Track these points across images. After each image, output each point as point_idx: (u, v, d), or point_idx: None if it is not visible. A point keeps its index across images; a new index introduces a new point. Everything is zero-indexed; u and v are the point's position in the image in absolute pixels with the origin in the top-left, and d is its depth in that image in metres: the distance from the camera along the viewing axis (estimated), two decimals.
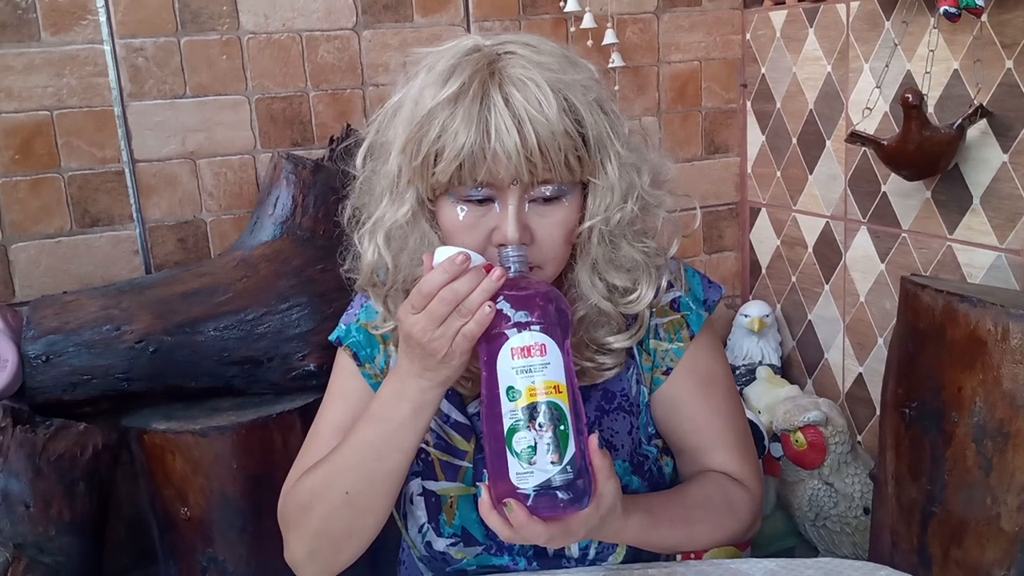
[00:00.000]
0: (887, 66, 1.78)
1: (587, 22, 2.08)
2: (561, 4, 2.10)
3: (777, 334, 2.26)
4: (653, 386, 1.12)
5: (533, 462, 0.84)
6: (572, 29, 2.11)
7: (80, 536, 1.62)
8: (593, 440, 0.88)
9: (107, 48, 1.82)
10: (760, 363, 2.20)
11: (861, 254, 2.00)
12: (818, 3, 2.02)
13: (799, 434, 1.88)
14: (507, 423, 0.85)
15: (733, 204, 2.39)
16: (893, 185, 1.87)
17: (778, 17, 2.16)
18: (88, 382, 1.66)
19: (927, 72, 1.69)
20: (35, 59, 1.79)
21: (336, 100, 1.99)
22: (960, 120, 1.61)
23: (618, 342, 1.06)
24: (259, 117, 1.94)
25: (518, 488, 0.85)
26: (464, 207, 0.96)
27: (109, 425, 1.69)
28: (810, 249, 2.16)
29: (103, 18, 1.81)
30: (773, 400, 2.07)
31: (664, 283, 1.09)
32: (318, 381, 1.71)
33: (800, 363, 2.26)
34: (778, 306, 2.30)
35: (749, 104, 2.32)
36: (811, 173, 2.12)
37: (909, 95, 1.60)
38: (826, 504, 1.88)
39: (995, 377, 1.31)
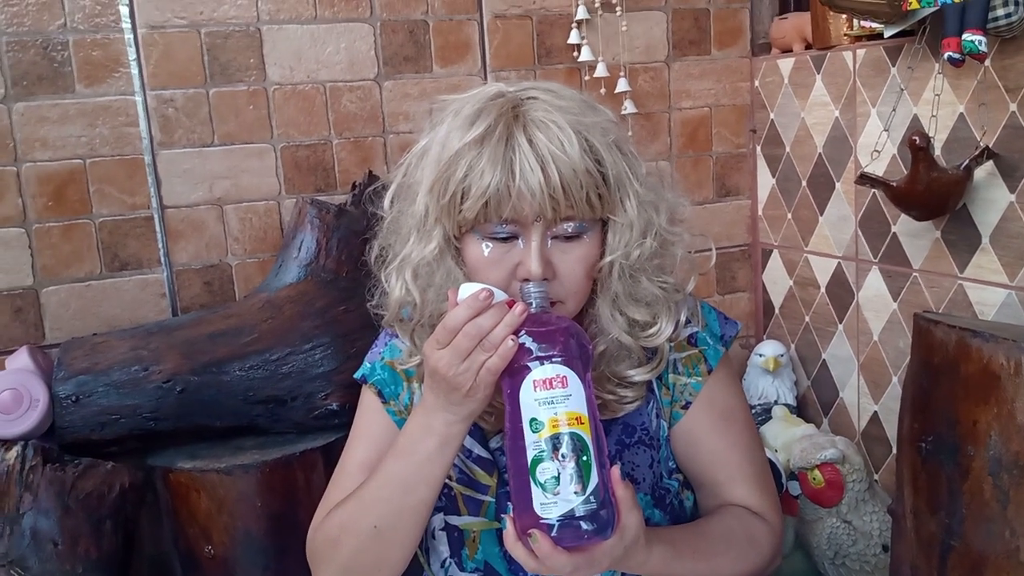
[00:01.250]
0: (894, 110, 1.83)
1: (600, 71, 2.14)
2: (575, 54, 2.16)
3: (792, 373, 2.28)
4: (672, 420, 1.14)
5: (557, 492, 0.85)
6: (586, 78, 2.18)
7: (106, 574, 1.64)
8: (616, 471, 0.89)
9: (139, 99, 1.89)
10: (776, 402, 2.22)
11: (873, 293, 2.03)
12: (825, 51, 2.08)
13: (816, 472, 1.89)
14: (530, 454, 0.87)
15: (745, 246, 2.43)
16: (903, 225, 1.91)
17: (786, 64, 2.22)
18: (116, 421, 1.70)
19: (933, 115, 1.73)
20: (69, 110, 1.85)
21: (358, 147, 2.05)
22: (967, 161, 1.65)
23: (639, 375, 1.09)
24: (284, 164, 2.00)
25: (542, 518, 0.86)
26: (489, 244, 1.00)
27: (135, 464, 1.72)
28: (823, 289, 2.19)
29: (135, 71, 1.88)
30: (790, 439, 2.09)
31: (683, 318, 1.12)
32: (340, 420, 1.74)
33: (815, 402, 2.28)
34: (792, 346, 2.33)
35: (759, 148, 2.37)
36: (821, 215, 2.16)
37: (917, 138, 1.65)
38: (845, 542, 1.89)
39: (1009, 411, 1.33)
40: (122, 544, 1.67)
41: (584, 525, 0.86)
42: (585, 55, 2.14)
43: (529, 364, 0.89)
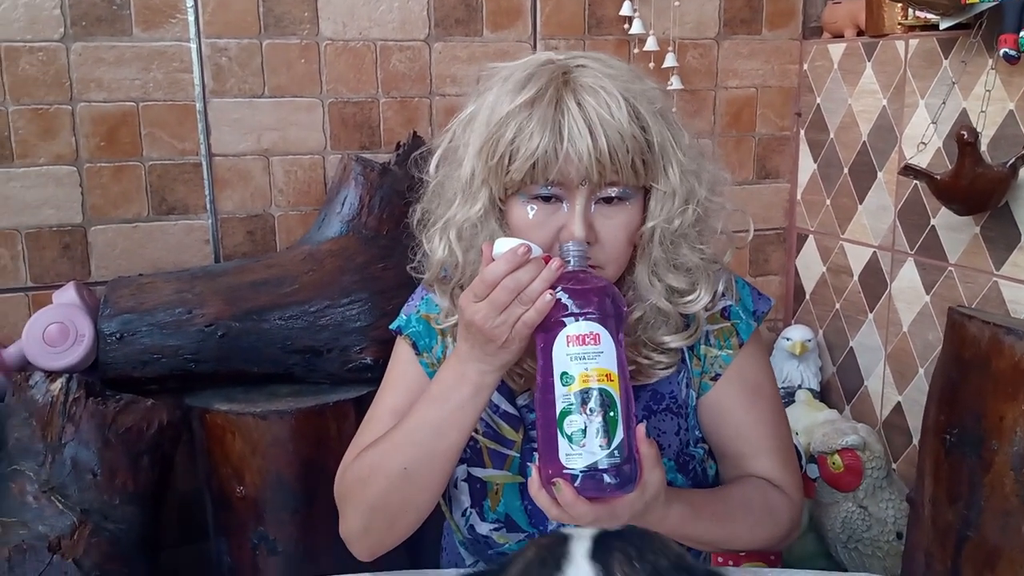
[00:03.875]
0: (944, 103, 1.83)
1: (650, 44, 2.14)
2: (625, 26, 2.16)
3: (818, 359, 2.30)
4: (701, 391, 1.17)
5: (583, 445, 0.88)
6: (635, 51, 2.18)
7: (141, 507, 1.69)
8: (641, 429, 0.92)
9: (193, 46, 1.92)
10: (800, 387, 2.24)
11: (907, 285, 2.03)
12: (877, 38, 2.07)
13: (836, 457, 1.92)
14: (559, 407, 0.89)
15: (781, 229, 2.44)
16: (942, 219, 1.91)
17: (836, 50, 2.21)
18: (158, 361, 1.75)
19: (983, 111, 1.73)
20: (125, 53, 1.88)
21: (404, 107, 2.07)
22: (1013, 160, 1.65)
23: (675, 341, 1.11)
24: (331, 120, 2.02)
25: (566, 468, 0.89)
26: (534, 206, 1.02)
27: (174, 403, 1.77)
28: (856, 278, 2.20)
29: (191, 17, 1.90)
30: (811, 423, 2.11)
31: (720, 288, 1.14)
32: (374, 374, 1.78)
33: (839, 389, 2.29)
34: (820, 332, 2.34)
35: (803, 132, 2.37)
36: (861, 203, 2.16)
37: (965, 132, 1.65)
38: (859, 527, 1.92)
39: None
40: (158, 479, 1.72)
41: (607, 478, 0.88)
42: (636, 28, 2.14)
43: (564, 319, 0.91)
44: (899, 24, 1.98)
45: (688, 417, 1.17)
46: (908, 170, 1.79)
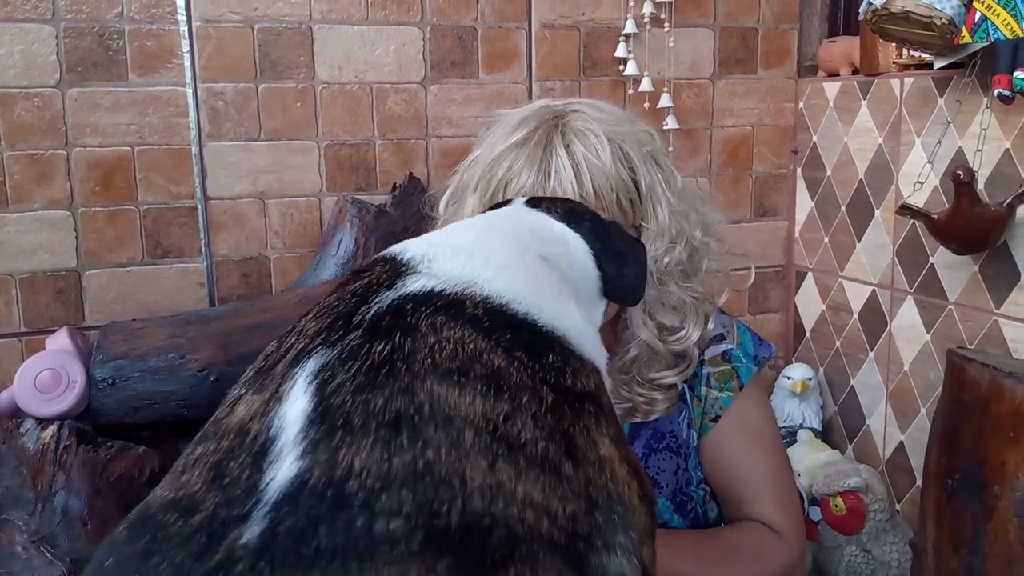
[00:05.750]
0: (939, 142, 1.82)
1: (645, 85, 2.15)
2: (620, 67, 2.17)
3: (819, 398, 2.28)
4: (702, 432, 1.16)
5: None
6: (630, 92, 2.19)
7: None
8: None
9: (189, 91, 1.92)
10: (801, 426, 2.22)
11: (907, 324, 2.02)
12: (872, 77, 2.07)
13: (839, 499, 1.89)
14: None
15: (780, 267, 2.43)
16: (941, 257, 1.90)
17: (832, 88, 2.22)
18: (150, 407, 1.73)
19: (979, 150, 1.72)
20: (121, 98, 1.89)
21: (401, 149, 2.07)
22: (1010, 199, 1.64)
23: (667, 378, 1.12)
24: (327, 162, 2.02)
25: None
26: None
27: (166, 449, 1.74)
28: (855, 316, 2.19)
29: (187, 62, 1.91)
30: (813, 464, 2.08)
31: (711, 325, 1.15)
32: None
33: (841, 428, 2.27)
34: (821, 370, 2.32)
35: (799, 170, 2.36)
36: (859, 241, 2.15)
37: (961, 172, 1.64)
38: (863, 571, 1.88)
39: None
40: None
41: None
42: (631, 69, 2.15)
43: None
44: (894, 63, 1.98)
45: (688, 457, 1.16)
46: (905, 209, 1.78)
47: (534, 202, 0.87)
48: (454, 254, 0.67)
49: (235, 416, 0.57)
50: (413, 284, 0.63)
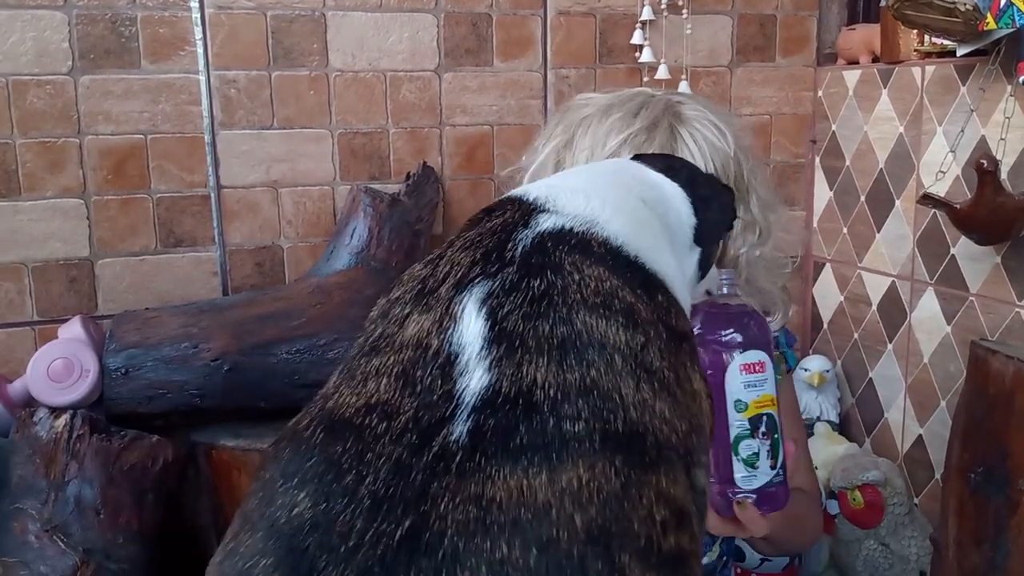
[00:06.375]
0: (962, 131, 1.79)
1: (661, 73, 2.12)
2: (636, 55, 2.14)
3: (836, 390, 2.25)
4: None
5: (756, 467, 0.95)
6: (646, 79, 2.16)
7: (145, 546, 1.66)
8: (791, 446, 0.99)
9: (202, 78, 1.91)
10: (818, 419, 2.19)
11: (927, 315, 1.99)
12: (893, 65, 2.04)
13: (857, 493, 1.87)
14: (733, 432, 0.95)
15: (797, 257, 2.40)
16: (962, 248, 1.87)
17: (851, 76, 2.18)
18: (163, 396, 1.72)
19: (1002, 138, 1.69)
20: (133, 85, 1.88)
21: (414, 137, 2.05)
22: None
23: None
24: (340, 151, 2.01)
25: (741, 489, 0.96)
26: None
27: (179, 439, 1.74)
28: (874, 307, 2.16)
29: (200, 50, 1.90)
30: (831, 457, 2.06)
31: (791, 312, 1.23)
32: None
33: (859, 421, 2.24)
34: (839, 362, 2.29)
35: (818, 160, 2.33)
36: (878, 231, 2.12)
37: (984, 161, 1.61)
38: (881, 565, 1.86)
39: None
40: (162, 517, 1.69)
41: (776, 496, 0.97)
42: (647, 56, 2.12)
43: (735, 350, 0.96)
44: (915, 50, 1.95)
45: None
46: (926, 199, 1.75)
47: (634, 157, 0.92)
48: (573, 194, 0.73)
49: (407, 332, 0.64)
50: (546, 222, 0.70)
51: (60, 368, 1.70)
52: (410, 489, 0.54)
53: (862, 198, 2.17)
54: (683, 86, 2.14)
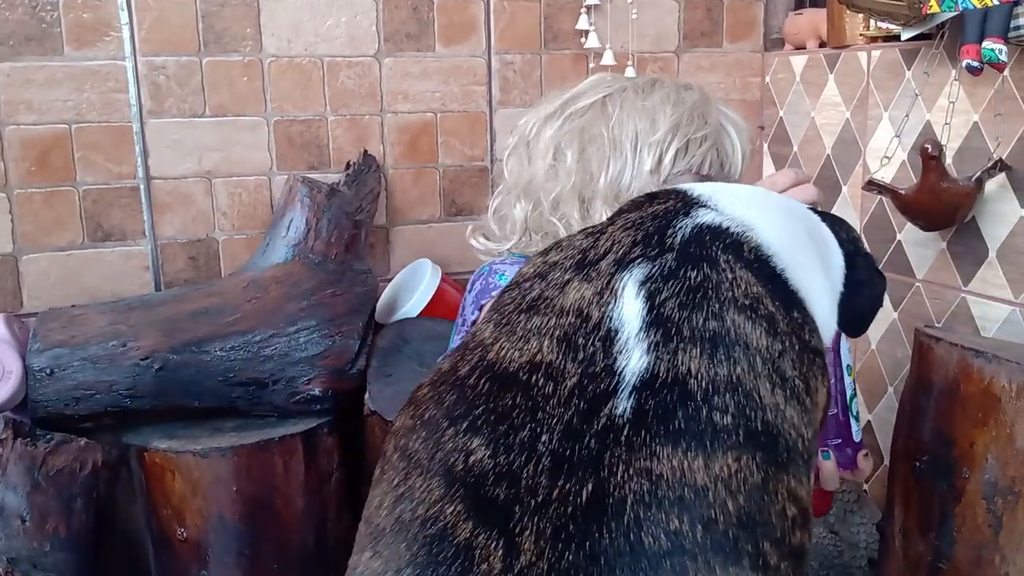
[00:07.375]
0: (907, 116, 1.78)
1: (607, 59, 2.08)
2: (582, 40, 2.10)
3: None
4: None
5: (860, 422, 1.09)
6: (592, 65, 2.12)
7: (75, 553, 1.60)
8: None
9: (129, 65, 1.83)
10: None
11: None
12: (839, 50, 2.02)
13: None
14: (848, 393, 1.06)
15: None
16: (908, 234, 1.86)
17: (798, 62, 2.16)
18: (91, 397, 1.65)
19: (947, 123, 1.68)
20: (56, 73, 1.80)
21: (354, 125, 1.99)
22: (979, 173, 1.60)
23: None
24: (276, 139, 1.94)
25: (856, 442, 1.07)
26: None
27: (110, 441, 1.67)
28: None
29: (126, 35, 1.82)
30: None
31: None
32: (322, 406, 1.70)
33: None
34: None
35: (766, 146, 2.31)
36: None
37: (929, 146, 1.60)
38: (831, 552, 1.86)
39: (1008, 435, 1.29)
40: (93, 523, 1.63)
41: (863, 446, 1.08)
42: (592, 41, 2.08)
43: None
44: (861, 35, 1.93)
45: None
46: (872, 185, 1.74)
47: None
48: (735, 198, 0.76)
49: (568, 297, 0.67)
50: (705, 216, 0.73)
51: None
52: (587, 453, 0.58)
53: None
54: (629, 72, 2.10)
